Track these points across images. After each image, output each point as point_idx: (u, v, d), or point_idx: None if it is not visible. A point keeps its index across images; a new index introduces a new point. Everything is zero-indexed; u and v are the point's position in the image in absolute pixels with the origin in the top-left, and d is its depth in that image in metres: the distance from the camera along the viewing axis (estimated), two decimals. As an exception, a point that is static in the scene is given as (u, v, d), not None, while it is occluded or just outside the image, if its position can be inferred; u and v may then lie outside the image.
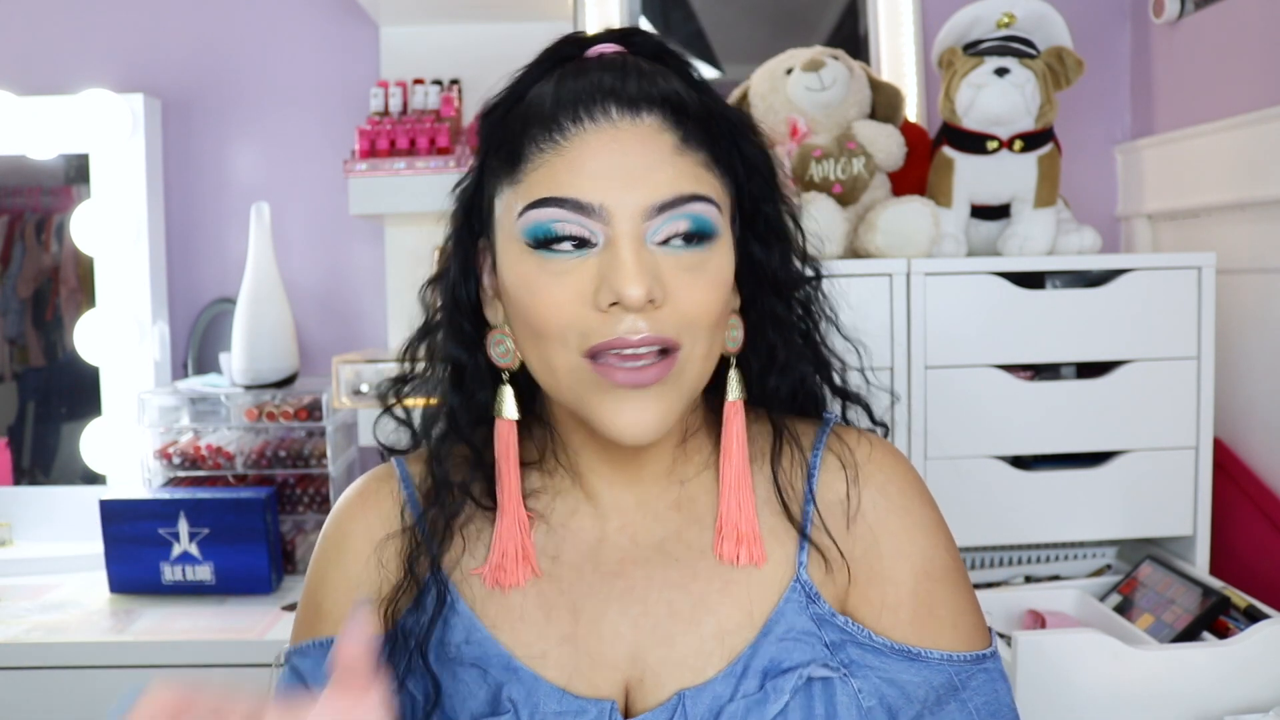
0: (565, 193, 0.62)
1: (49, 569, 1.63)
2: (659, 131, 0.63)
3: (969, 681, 0.69)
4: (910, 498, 0.73)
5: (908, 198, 1.37)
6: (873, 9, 1.79)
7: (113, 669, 1.34)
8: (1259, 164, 1.41)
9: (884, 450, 0.74)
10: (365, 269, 1.85)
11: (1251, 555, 1.42)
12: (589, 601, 0.69)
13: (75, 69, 1.78)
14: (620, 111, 0.63)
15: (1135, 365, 1.35)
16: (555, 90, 0.64)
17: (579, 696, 0.66)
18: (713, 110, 0.66)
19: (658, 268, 0.62)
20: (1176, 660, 1.12)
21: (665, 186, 0.62)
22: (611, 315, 0.61)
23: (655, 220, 0.62)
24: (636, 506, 0.72)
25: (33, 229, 1.78)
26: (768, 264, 0.71)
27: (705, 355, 0.65)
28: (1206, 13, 1.57)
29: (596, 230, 0.62)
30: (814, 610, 0.68)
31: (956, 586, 0.71)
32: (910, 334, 1.33)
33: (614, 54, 0.67)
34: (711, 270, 0.64)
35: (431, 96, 1.69)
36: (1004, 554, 1.50)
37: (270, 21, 1.83)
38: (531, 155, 0.64)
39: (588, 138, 0.63)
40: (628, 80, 0.64)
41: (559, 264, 0.62)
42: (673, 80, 0.65)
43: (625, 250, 0.61)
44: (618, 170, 0.62)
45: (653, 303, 0.61)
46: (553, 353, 0.64)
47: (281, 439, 1.65)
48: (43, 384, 1.81)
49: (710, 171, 0.65)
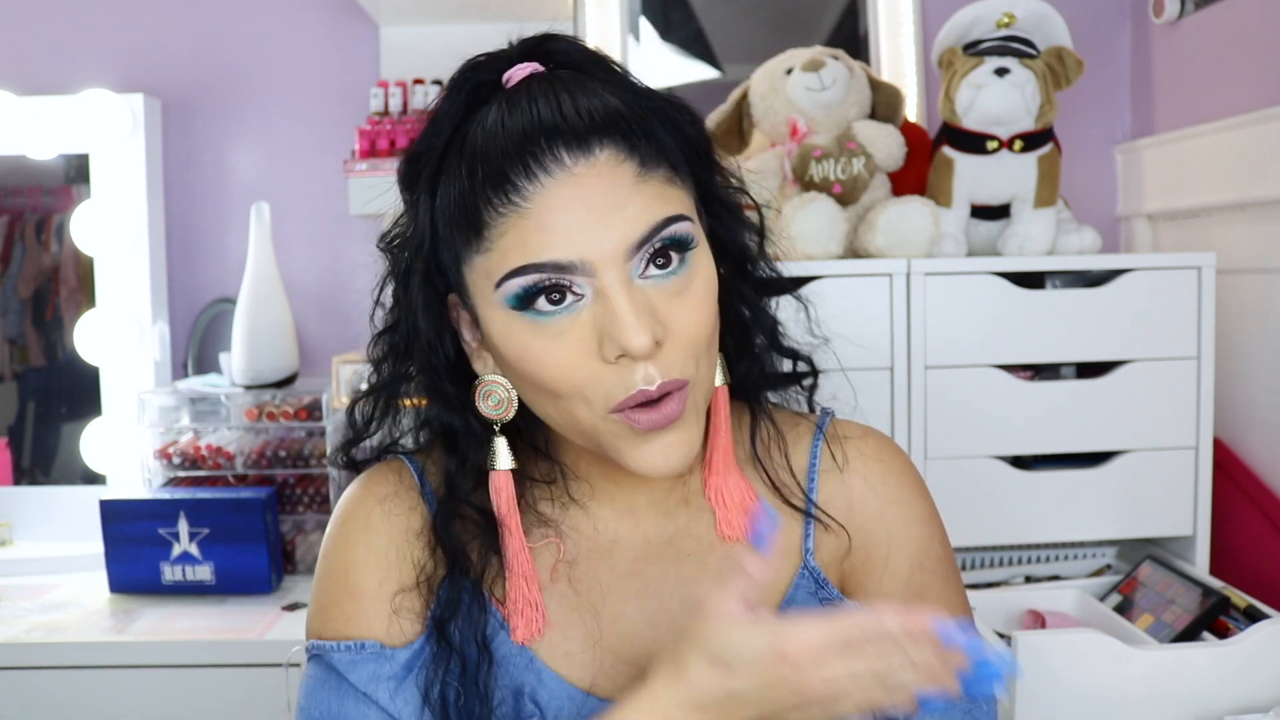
0: (540, 257, 0.59)
1: (49, 569, 1.63)
2: (616, 164, 0.60)
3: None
4: (907, 489, 0.74)
5: (908, 198, 1.37)
6: (873, 9, 1.79)
7: (113, 669, 1.34)
8: (1259, 164, 1.41)
9: (881, 443, 0.76)
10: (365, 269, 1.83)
11: (1251, 555, 1.42)
12: (608, 602, 0.69)
13: (75, 69, 1.78)
14: (572, 153, 0.59)
15: (1135, 365, 1.35)
16: (491, 139, 0.60)
17: (601, 699, 0.66)
18: (648, 109, 0.63)
19: (651, 304, 0.61)
20: (1176, 660, 1.12)
21: (638, 221, 0.60)
22: (622, 367, 0.60)
23: (637, 256, 0.60)
24: (648, 505, 0.72)
25: (33, 229, 1.78)
26: (730, 240, 0.71)
27: (709, 372, 0.66)
28: (1206, 13, 1.57)
29: (582, 283, 0.60)
30: (822, 595, 0.71)
31: (948, 579, 0.73)
32: (910, 334, 1.33)
33: (536, 76, 0.64)
34: (698, 285, 0.63)
35: (431, 96, 1.69)
36: (1004, 554, 1.50)
37: (270, 21, 1.82)
38: (493, 221, 0.60)
39: (547, 193, 0.59)
40: (564, 111, 0.60)
41: (554, 326, 0.61)
42: (604, 94, 0.62)
43: (618, 299, 0.59)
44: (588, 220, 0.59)
45: (658, 344, 0.60)
46: (576, 410, 0.62)
47: (281, 439, 1.65)
48: (43, 384, 1.81)
49: (673, 185, 0.63)
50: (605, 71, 0.65)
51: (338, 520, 0.72)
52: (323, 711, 0.67)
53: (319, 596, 0.71)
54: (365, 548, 0.70)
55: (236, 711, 1.35)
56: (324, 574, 0.71)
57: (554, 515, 0.72)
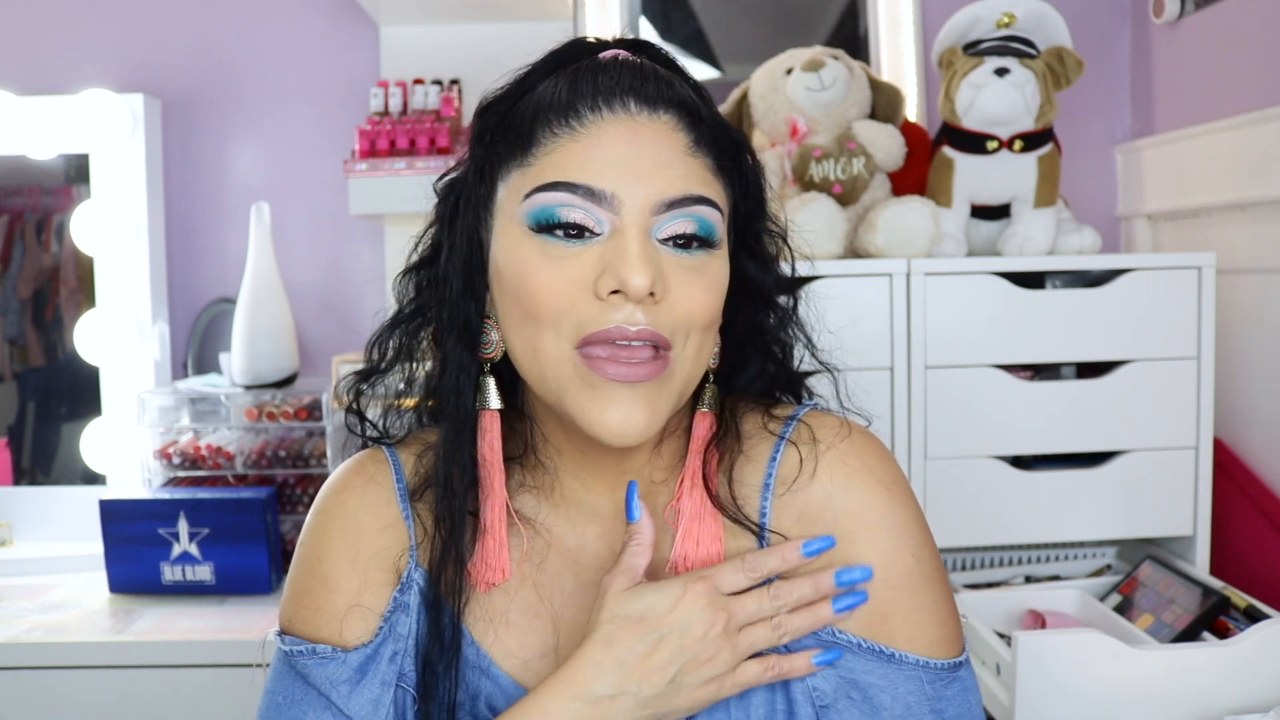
0: (577, 178, 0.61)
1: (49, 569, 1.63)
2: (674, 130, 0.64)
3: (944, 691, 0.66)
4: (874, 494, 0.67)
5: (908, 198, 1.37)
6: (873, 9, 1.79)
7: (113, 669, 1.34)
8: (1259, 164, 1.41)
9: (854, 443, 0.69)
10: (365, 269, 1.84)
11: (1251, 555, 1.42)
12: (568, 611, 0.69)
13: (75, 69, 1.78)
14: (639, 106, 0.63)
15: (1135, 365, 1.35)
16: (571, 82, 0.64)
17: None
18: (719, 123, 0.67)
19: (660, 264, 0.62)
20: (1176, 660, 1.12)
21: (677, 184, 0.62)
22: (610, 304, 0.61)
23: (663, 216, 0.62)
24: (614, 514, 0.71)
25: (33, 229, 1.78)
26: (760, 280, 0.72)
27: (695, 357, 0.65)
28: (1206, 13, 1.57)
29: (603, 218, 0.62)
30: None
31: (917, 595, 0.67)
32: (910, 334, 1.33)
33: (629, 59, 0.67)
34: (711, 274, 0.65)
35: (431, 96, 1.70)
36: (1004, 554, 1.50)
37: (270, 21, 1.83)
38: (544, 140, 0.63)
39: (605, 126, 0.63)
40: (646, 81, 0.64)
41: (559, 249, 0.62)
42: (685, 88, 0.66)
43: (632, 240, 0.61)
44: (632, 161, 0.62)
45: (653, 296, 0.61)
46: (543, 339, 0.62)
47: (281, 439, 1.65)
48: (43, 384, 1.81)
49: (717, 178, 0.66)
50: (691, 85, 0.69)
51: (315, 510, 0.73)
52: (285, 698, 0.68)
53: (292, 584, 0.72)
54: (338, 539, 0.70)
55: (236, 711, 1.35)
56: (299, 562, 0.72)
57: (530, 513, 0.72)
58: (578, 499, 0.71)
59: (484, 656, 0.68)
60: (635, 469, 0.71)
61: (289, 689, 0.69)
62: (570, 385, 0.62)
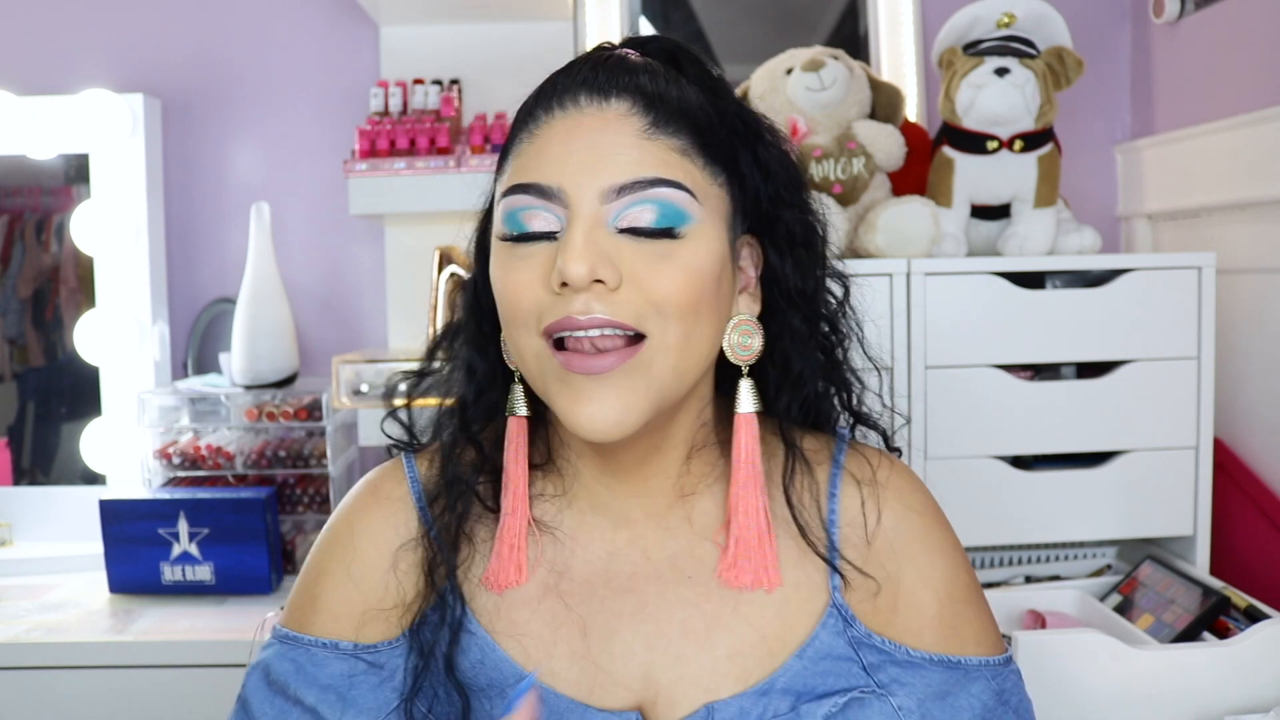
0: (530, 178, 0.63)
1: (49, 569, 1.63)
2: (625, 116, 0.62)
3: (1005, 684, 0.70)
4: (930, 522, 0.72)
5: (908, 198, 1.37)
6: (873, 9, 1.79)
7: (113, 669, 1.34)
8: (1259, 164, 1.41)
9: (902, 473, 0.73)
10: (365, 269, 1.85)
11: (1251, 555, 1.42)
12: (599, 618, 0.68)
13: (75, 69, 1.78)
14: (588, 98, 0.63)
15: (1135, 365, 1.35)
16: (539, 88, 0.66)
17: (603, 710, 0.65)
18: (712, 107, 0.65)
19: (617, 251, 0.61)
20: (1176, 660, 1.12)
21: (627, 169, 0.61)
22: (563, 297, 0.60)
23: (616, 203, 0.61)
24: (646, 519, 0.70)
25: (33, 229, 1.78)
26: (782, 272, 0.70)
27: (680, 346, 0.62)
28: (1206, 13, 1.57)
29: (559, 214, 0.62)
30: (851, 634, 0.68)
31: (977, 604, 0.72)
32: (910, 334, 1.33)
33: (620, 56, 0.66)
34: (684, 258, 0.62)
35: (431, 96, 1.69)
36: (1004, 554, 1.50)
37: (270, 21, 1.82)
38: (514, 146, 0.66)
39: (554, 124, 0.63)
40: (599, 72, 0.64)
41: (526, 250, 0.63)
42: (667, 77, 0.65)
43: (576, 230, 0.60)
44: (579, 153, 0.62)
45: (602, 283, 0.60)
46: (520, 338, 0.63)
47: (281, 439, 1.65)
48: (43, 384, 1.81)
49: (686, 158, 0.63)
50: (697, 73, 0.68)
51: (328, 527, 0.74)
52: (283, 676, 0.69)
53: (299, 588, 0.73)
54: (340, 564, 0.71)
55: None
56: (302, 571, 0.74)
57: (550, 520, 0.71)
58: (605, 505, 0.70)
59: (519, 670, 0.67)
60: (665, 480, 0.70)
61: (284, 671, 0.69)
62: (551, 381, 0.63)
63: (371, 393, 1.56)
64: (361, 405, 1.57)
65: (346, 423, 1.72)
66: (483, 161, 1.58)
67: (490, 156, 1.59)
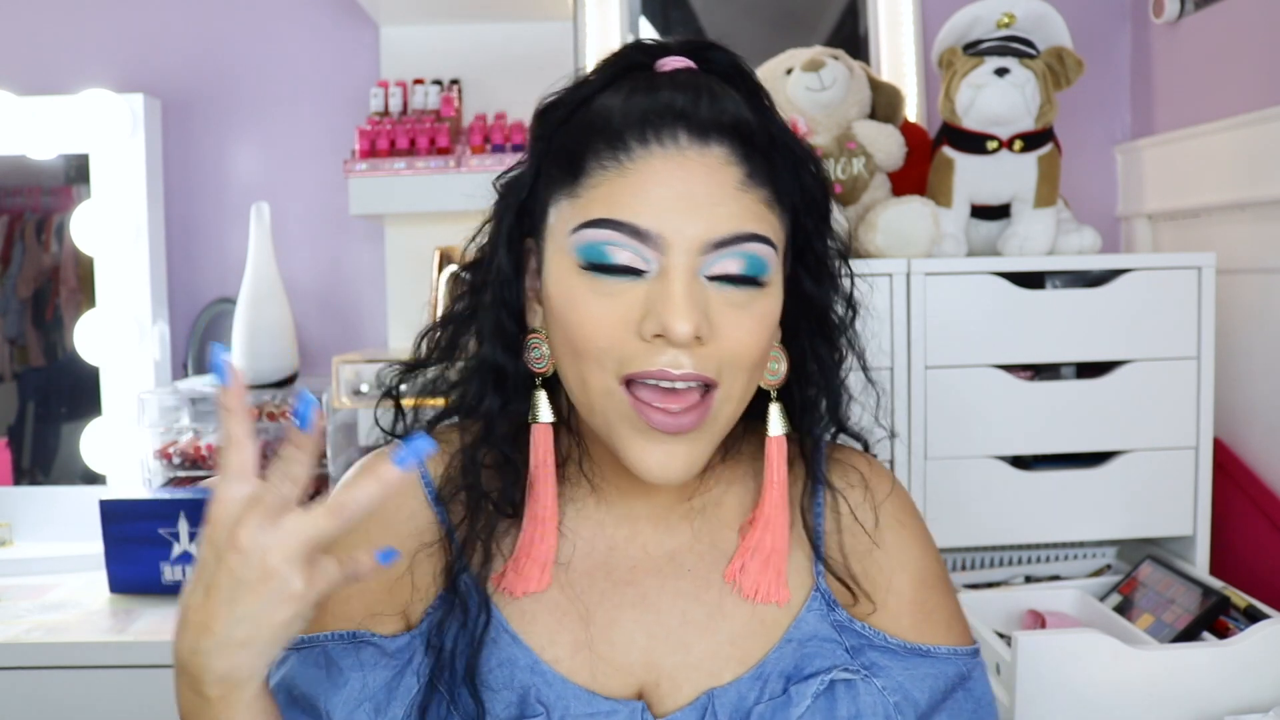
0: (624, 216, 0.60)
1: (49, 569, 1.63)
2: (725, 164, 0.62)
3: (972, 672, 0.72)
4: (903, 512, 0.76)
5: (908, 198, 1.37)
6: (873, 9, 1.79)
7: (113, 669, 1.34)
8: (1259, 164, 1.41)
9: (877, 468, 0.77)
10: (365, 269, 1.85)
11: (1251, 555, 1.42)
12: (601, 608, 0.69)
13: (75, 69, 1.78)
14: (689, 138, 0.61)
15: (1135, 365, 1.35)
16: (624, 105, 0.63)
17: (608, 698, 0.66)
18: (777, 140, 0.65)
19: (707, 303, 0.61)
20: (1176, 660, 1.12)
21: (726, 222, 0.61)
22: (654, 346, 0.60)
23: (711, 255, 0.61)
24: (648, 516, 0.72)
25: (33, 229, 1.78)
26: (818, 301, 0.71)
27: (741, 397, 0.64)
28: (1206, 13, 1.57)
29: (651, 258, 0.61)
30: (834, 617, 0.70)
31: (946, 591, 0.75)
32: (910, 334, 1.33)
33: (686, 71, 0.65)
34: (759, 309, 0.63)
35: (431, 96, 1.69)
36: (1004, 554, 1.50)
37: (270, 22, 1.82)
38: (593, 170, 0.62)
39: (654, 162, 0.61)
40: (699, 104, 0.62)
41: (608, 285, 0.61)
42: (742, 106, 0.63)
43: (678, 283, 0.59)
44: (680, 200, 0.60)
45: (699, 340, 0.60)
46: (589, 373, 0.62)
47: (282, 439, 1.65)
48: (43, 384, 1.81)
49: (771, 210, 0.64)
50: (750, 89, 0.67)
51: None
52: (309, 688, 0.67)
53: None
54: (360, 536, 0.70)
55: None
56: None
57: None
58: (610, 502, 0.72)
59: (529, 654, 0.68)
60: (678, 486, 0.70)
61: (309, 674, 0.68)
62: (617, 421, 0.62)
63: (371, 393, 1.56)
64: (361, 405, 1.57)
65: (346, 423, 1.72)
66: (483, 161, 1.58)
67: (491, 156, 1.59)
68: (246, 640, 0.54)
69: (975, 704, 0.72)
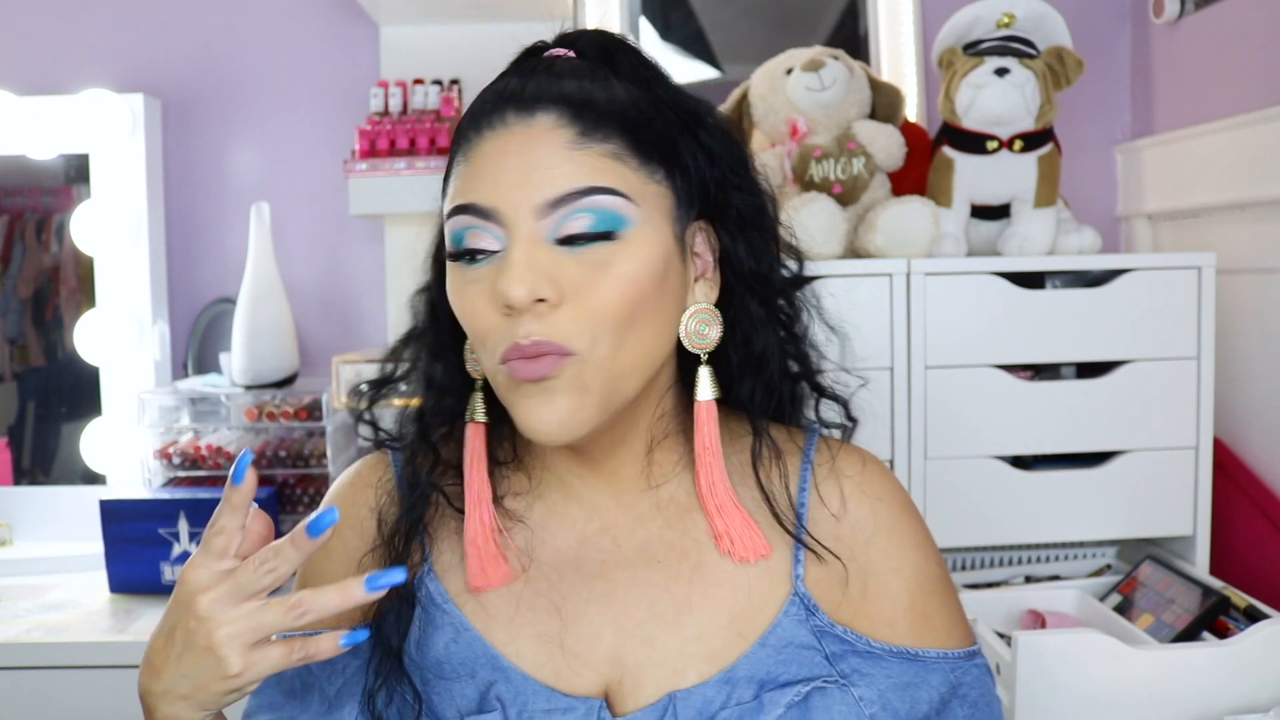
0: (467, 199, 0.63)
1: (49, 569, 1.63)
2: (552, 129, 0.62)
3: (964, 678, 0.70)
4: (900, 514, 0.73)
5: (908, 198, 1.37)
6: (873, 9, 1.79)
7: (113, 669, 1.34)
8: (1259, 164, 1.41)
9: (874, 466, 0.75)
10: (365, 269, 1.85)
11: (1251, 555, 1.42)
12: (569, 603, 0.69)
13: (75, 69, 1.78)
14: (515, 115, 0.63)
15: (1135, 365, 1.35)
16: (472, 105, 0.66)
17: (567, 694, 0.66)
18: (645, 101, 0.65)
19: (558, 267, 0.61)
20: (1176, 660, 1.12)
21: (558, 182, 0.61)
22: (510, 319, 0.61)
23: (551, 217, 0.61)
24: (616, 508, 0.71)
25: (33, 229, 1.78)
26: (736, 255, 0.70)
27: (610, 357, 0.62)
28: (1206, 13, 1.57)
29: (500, 235, 0.62)
30: (814, 623, 0.68)
31: (946, 595, 0.73)
32: (910, 334, 1.33)
33: (559, 58, 0.67)
34: (620, 265, 0.62)
35: (431, 96, 1.69)
36: (1004, 554, 1.50)
37: (270, 21, 1.82)
38: (453, 168, 0.66)
39: (485, 145, 0.63)
40: (527, 84, 0.64)
41: (474, 273, 0.63)
42: (594, 78, 0.65)
43: (515, 250, 0.61)
44: (508, 172, 0.62)
45: (544, 301, 0.61)
46: (484, 357, 0.65)
47: (281, 439, 1.65)
48: (43, 384, 1.81)
49: (619, 161, 0.63)
50: (631, 65, 0.68)
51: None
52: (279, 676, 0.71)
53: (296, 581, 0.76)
54: (336, 544, 0.74)
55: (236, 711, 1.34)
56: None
57: (521, 511, 0.72)
58: (578, 495, 0.72)
59: (489, 650, 0.68)
60: (633, 469, 0.71)
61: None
62: (505, 392, 0.64)
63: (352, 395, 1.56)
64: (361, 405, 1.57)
65: (346, 423, 1.72)
66: (483, 161, 1.58)
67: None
68: (187, 695, 0.61)
69: (971, 709, 0.70)
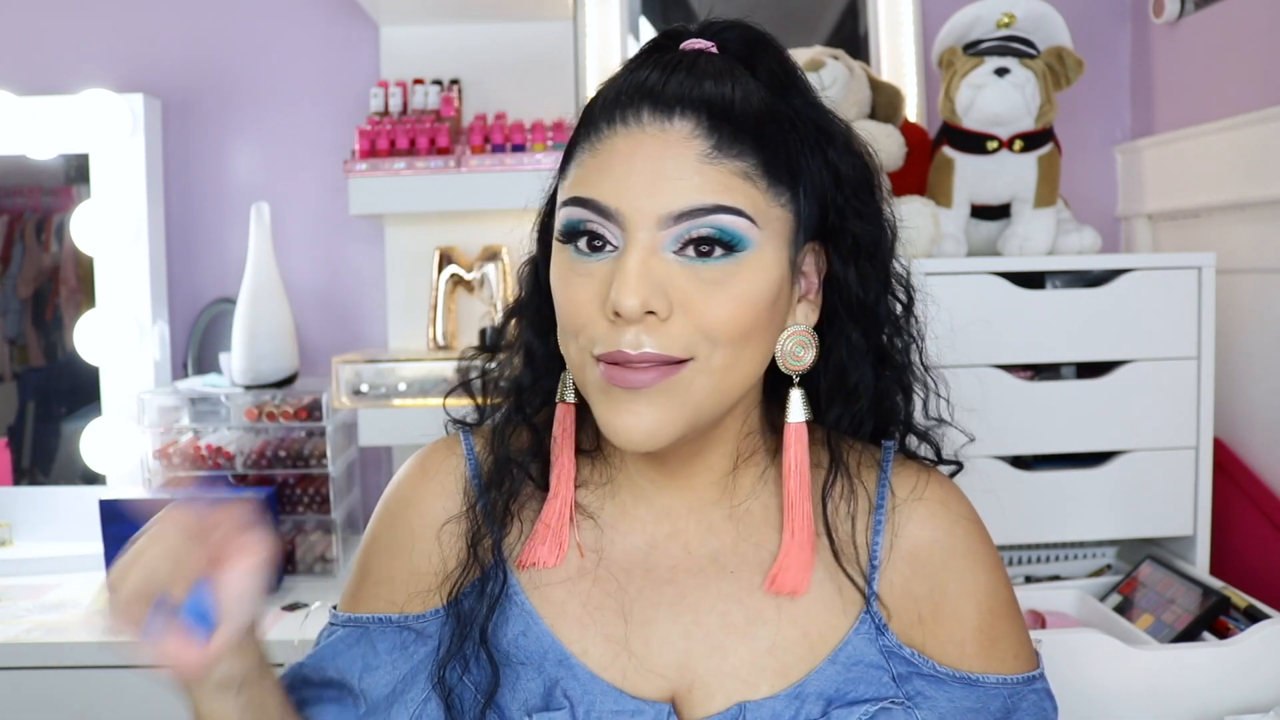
0: (590, 194, 0.62)
1: (49, 569, 1.63)
2: (687, 138, 0.61)
3: (1020, 703, 0.69)
4: (974, 537, 0.72)
5: (908, 198, 1.37)
6: (873, 9, 1.79)
7: (113, 669, 1.34)
8: (1259, 164, 1.41)
9: (949, 489, 0.74)
10: (365, 269, 1.85)
11: (1251, 555, 1.42)
12: (637, 605, 0.68)
13: (75, 69, 1.78)
14: (652, 115, 0.61)
15: (1135, 365, 1.35)
16: (603, 93, 0.65)
17: (635, 697, 0.66)
18: (782, 114, 0.64)
19: (671, 279, 0.60)
20: (1176, 660, 1.12)
21: (685, 195, 0.60)
22: (617, 325, 0.60)
23: (673, 230, 0.60)
24: (688, 514, 0.71)
25: (33, 229, 1.78)
26: (845, 282, 0.69)
27: (723, 370, 0.62)
28: (1206, 13, 1.57)
29: (618, 235, 0.61)
30: (883, 642, 0.68)
31: (1014, 619, 0.72)
32: (910, 334, 1.33)
33: (699, 50, 0.65)
34: (739, 286, 0.61)
35: (431, 96, 1.69)
36: (1004, 554, 1.50)
37: (270, 21, 1.83)
38: (577, 154, 0.65)
39: (617, 141, 0.62)
40: (670, 81, 0.62)
41: (584, 265, 0.63)
42: (736, 81, 0.63)
43: (631, 258, 0.60)
44: (636, 175, 0.60)
45: (654, 314, 0.60)
46: (571, 348, 0.64)
47: (281, 439, 1.65)
48: (43, 384, 1.81)
49: (749, 182, 0.61)
50: (770, 69, 0.66)
51: (381, 500, 0.76)
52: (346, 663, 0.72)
53: (352, 570, 0.76)
54: (389, 535, 0.74)
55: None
56: (362, 544, 0.76)
57: (593, 507, 0.72)
58: (649, 497, 0.71)
59: (558, 646, 0.68)
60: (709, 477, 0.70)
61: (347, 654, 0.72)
62: (593, 391, 0.64)
63: (371, 393, 1.56)
64: (361, 405, 1.57)
65: (346, 423, 1.72)
66: (483, 161, 1.58)
67: (490, 156, 1.59)
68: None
69: None
